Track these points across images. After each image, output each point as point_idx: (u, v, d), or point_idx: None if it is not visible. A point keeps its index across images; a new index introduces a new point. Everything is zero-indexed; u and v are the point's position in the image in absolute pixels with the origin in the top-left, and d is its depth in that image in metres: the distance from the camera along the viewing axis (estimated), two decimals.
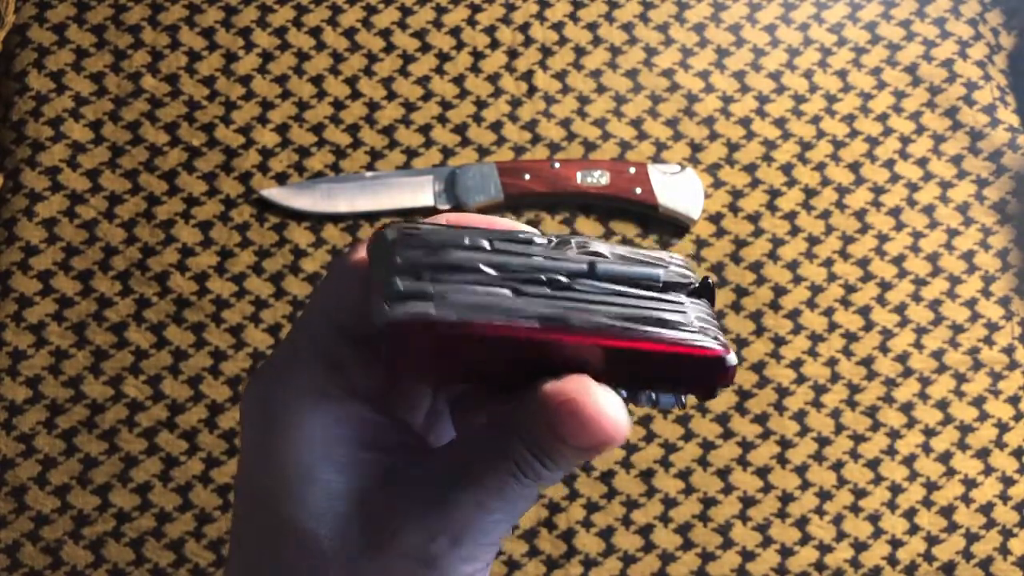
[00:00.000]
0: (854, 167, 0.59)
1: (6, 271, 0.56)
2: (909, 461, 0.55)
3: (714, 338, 0.23)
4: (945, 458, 0.55)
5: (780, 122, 0.60)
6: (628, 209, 0.58)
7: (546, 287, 0.23)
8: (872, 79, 0.61)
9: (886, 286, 0.58)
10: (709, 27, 0.61)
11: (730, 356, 0.24)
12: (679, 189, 0.57)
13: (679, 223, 0.58)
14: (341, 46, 0.60)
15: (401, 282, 0.22)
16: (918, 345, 0.57)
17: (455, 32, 0.60)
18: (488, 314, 0.22)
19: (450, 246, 0.22)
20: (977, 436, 0.56)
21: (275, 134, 0.58)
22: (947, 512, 0.55)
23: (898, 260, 0.58)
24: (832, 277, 0.57)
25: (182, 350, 0.55)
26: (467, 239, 0.23)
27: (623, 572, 0.53)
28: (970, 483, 0.55)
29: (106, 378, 0.55)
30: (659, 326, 0.23)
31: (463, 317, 0.21)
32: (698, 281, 0.24)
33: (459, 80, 0.60)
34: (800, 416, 0.55)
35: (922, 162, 0.60)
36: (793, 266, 0.58)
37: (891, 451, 0.55)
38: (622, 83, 0.60)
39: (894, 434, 0.55)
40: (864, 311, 0.57)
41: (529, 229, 0.24)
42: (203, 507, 0.53)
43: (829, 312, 0.57)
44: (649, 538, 0.54)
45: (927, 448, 0.55)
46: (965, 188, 0.59)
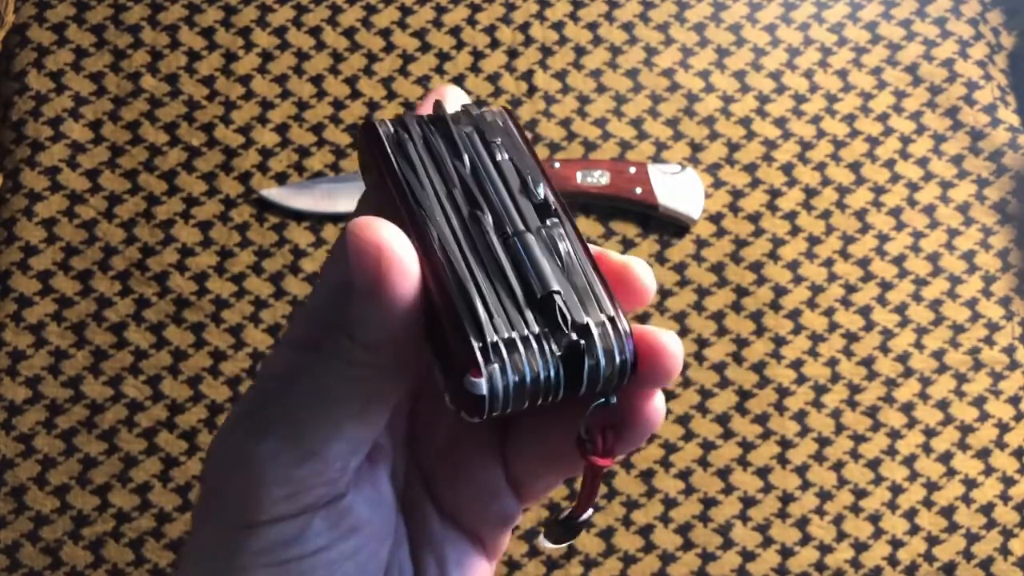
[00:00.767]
0: (854, 167, 0.59)
1: (6, 271, 0.56)
2: (909, 461, 0.55)
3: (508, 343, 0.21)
4: (945, 458, 0.55)
5: (780, 122, 0.60)
6: (628, 209, 0.57)
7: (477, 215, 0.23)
8: (872, 79, 0.61)
9: (886, 286, 0.57)
10: (709, 27, 0.61)
11: (478, 381, 0.21)
12: (679, 189, 0.57)
13: (679, 223, 0.58)
14: (341, 46, 0.60)
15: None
16: (918, 345, 0.57)
17: (455, 32, 0.60)
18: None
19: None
20: (977, 436, 0.55)
21: (275, 134, 0.58)
22: (947, 512, 0.54)
23: (898, 260, 0.58)
24: (832, 277, 0.57)
25: (182, 350, 0.55)
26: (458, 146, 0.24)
27: (623, 572, 0.53)
28: (970, 483, 0.55)
29: (106, 378, 0.55)
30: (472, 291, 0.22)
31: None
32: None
33: (459, 80, 0.60)
34: (800, 416, 0.55)
35: (922, 162, 0.59)
36: (793, 266, 0.57)
37: (891, 451, 0.55)
38: (622, 83, 0.60)
39: (894, 434, 0.55)
40: (864, 311, 0.57)
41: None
42: None
43: (829, 312, 0.57)
44: (649, 538, 0.54)
45: (927, 448, 0.55)
46: (965, 188, 0.59)
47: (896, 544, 0.54)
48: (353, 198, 0.57)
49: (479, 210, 0.23)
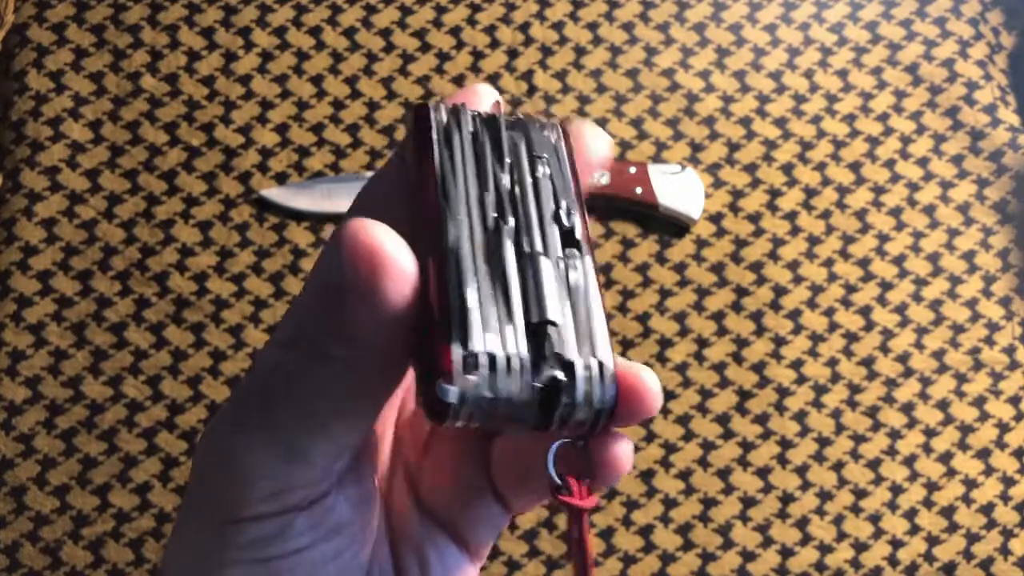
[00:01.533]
0: (854, 167, 0.59)
1: (5, 271, 0.56)
2: (910, 461, 0.55)
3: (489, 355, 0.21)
4: (946, 458, 0.55)
5: (780, 122, 0.60)
6: (628, 209, 0.57)
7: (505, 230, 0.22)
8: (873, 79, 0.61)
9: (887, 286, 0.57)
10: (709, 27, 0.61)
11: (450, 388, 0.20)
12: (679, 189, 0.57)
13: (679, 223, 0.58)
14: (341, 46, 0.60)
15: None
16: (919, 345, 0.57)
17: (455, 32, 0.60)
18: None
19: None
20: (978, 436, 0.55)
21: (275, 134, 0.58)
22: (948, 512, 0.54)
23: (899, 260, 0.58)
24: (833, 277, 0.57)
25: (181, 350, 0.55)
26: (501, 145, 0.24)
27: (623, 572, 0.53)
28: (971, 483, 0.55)
29: (105, 378, 0.55)
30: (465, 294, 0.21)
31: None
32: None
33: (459, 80, 0.60)
34: (800, 416, 0.55)
35: (923, 162, 0.59)
36: (793, 266, 0.57)
37: (892, 451, 0.55)
38: (622, 83, 0.60)
39: (895, 434, 0.55)
40: (865, 311, 0.57)
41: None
42: None
43: (830, 312, 0.57)
44: (649, 538, 0.54)
45: (928, 448, 0.55)
46: (966, 188, 0.59)
47: (896, 544, 0.54)
48: (353, 198, 0.57)
49: (504, 220, 0.22)
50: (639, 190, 0.57)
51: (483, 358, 0.20)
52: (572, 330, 0.22)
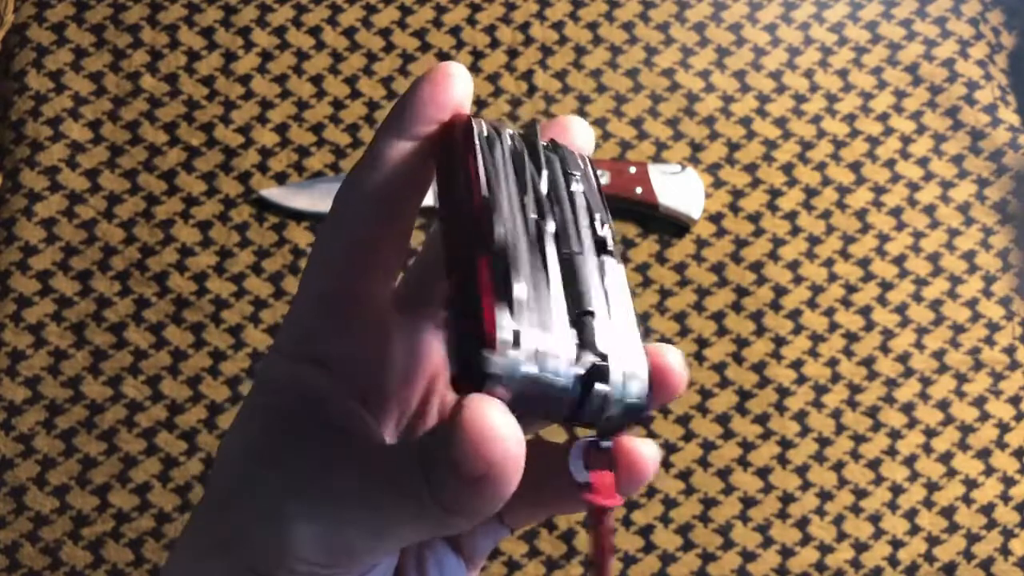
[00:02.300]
0: (855, 167, 0.59)
1: (5, 271, 0.56)
2: (910, 461, 0.55)
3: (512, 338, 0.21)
4: (946, 458, 0.55)
5: (781, 122, 0.60)
6: (628, 209, 0.57)
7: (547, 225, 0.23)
8: (873, 79, 0.61)
9: (887, 286, 0.57)
10: (709, 26, 0.61)
11: (494, 358, 0.20)
12: (679, 189, 0.57)
13: (679, 223, 0.57)
14: (341, 46, 0.60)
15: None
16: (919, 345, 0.57)
17: (455, 31, 0.60)
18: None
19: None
20: (978, 436, 0.55)
21: (274, 134, 0.58)
22: (948, 512, 0.54)
23: (899, 260, 0.58)
24: (833, 277, 0.57)
25: (181, 350, 0.55)
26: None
27: (623, 572, 0.53)
28: (971, 483, 0.55)
29: (105, 378, 0.55)
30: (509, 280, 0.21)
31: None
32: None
33: None
34: (801, 416, 0.55)
35: (923, 162, 0.59)
36: (794, 266, 0.57)
37: (892, 451, 0.55)
38: (622, 83, 0.60)
39: (895, 434, 0.55)
40: (865, 311, 0.57)
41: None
42: None
43: (830, 312, 0.57)
44: (649, 538, 0.54)
45: (928, 448, 0.55)
46: (966, 188, 0.59)
47: (896, 544, 0.54)
48: None
49: (544, 220, 0.23)
50: (639, 190, 0.57)
51: (528, 336, 0.21)
52: (609, 325, 0.22)
